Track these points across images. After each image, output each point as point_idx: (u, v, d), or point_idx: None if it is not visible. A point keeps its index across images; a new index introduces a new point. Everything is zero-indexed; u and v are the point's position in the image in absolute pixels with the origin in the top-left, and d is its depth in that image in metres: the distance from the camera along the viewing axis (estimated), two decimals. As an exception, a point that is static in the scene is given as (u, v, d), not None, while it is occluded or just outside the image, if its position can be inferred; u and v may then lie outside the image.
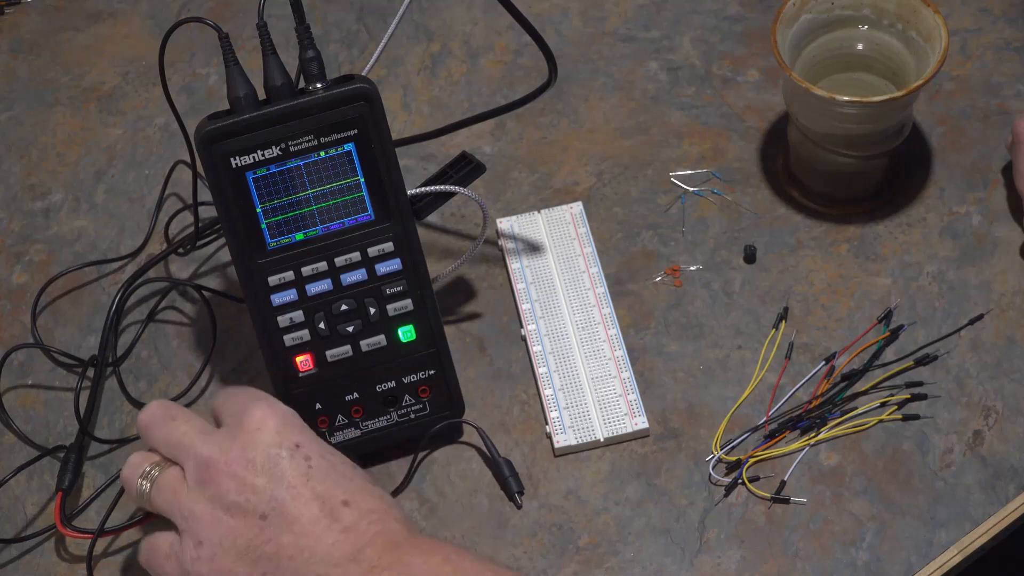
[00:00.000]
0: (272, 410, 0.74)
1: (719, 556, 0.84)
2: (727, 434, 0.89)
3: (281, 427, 0.73)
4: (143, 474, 0.75)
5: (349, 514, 0.71)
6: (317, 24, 1.12)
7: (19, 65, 1.13)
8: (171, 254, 0.98)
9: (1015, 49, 1.06)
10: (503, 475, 0.87)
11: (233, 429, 0.74)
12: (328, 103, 0.80)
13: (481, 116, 0.93)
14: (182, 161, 1.03)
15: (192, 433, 0.75)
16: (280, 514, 0.71)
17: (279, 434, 0.73)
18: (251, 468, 0.72)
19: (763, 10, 1.10)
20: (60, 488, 0.86)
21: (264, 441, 0.73)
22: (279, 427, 0.73)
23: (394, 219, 0.83)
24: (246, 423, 0.73)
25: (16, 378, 0.95)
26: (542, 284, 0.96)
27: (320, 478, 0.72)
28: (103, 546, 0.87)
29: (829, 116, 0.92)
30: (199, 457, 0.73)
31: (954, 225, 0.97)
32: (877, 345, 0.91)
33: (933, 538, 0.84)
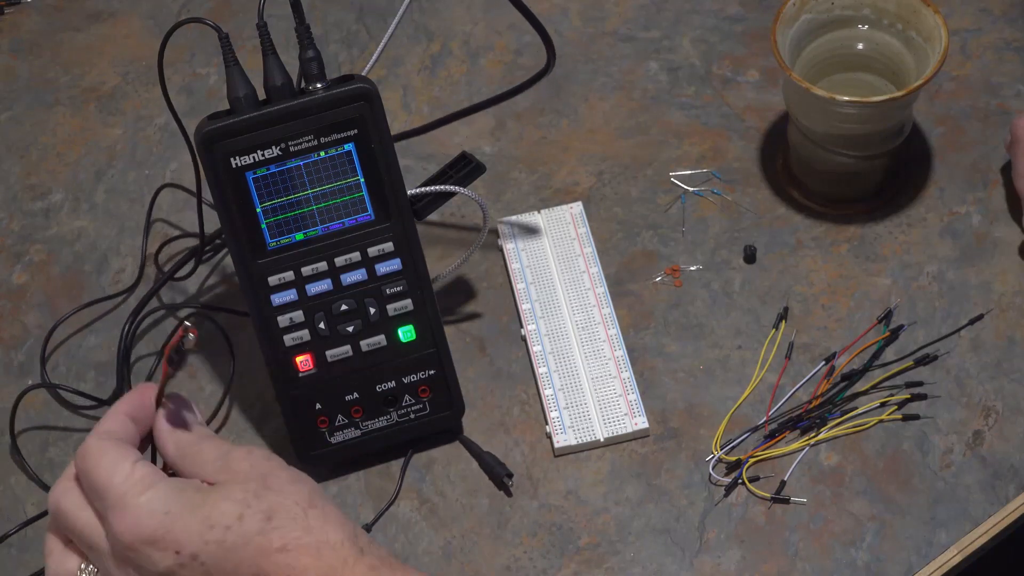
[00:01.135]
0: (128, 520, 0.67)
1: (719, 556, 0.84)
2: (727, 434, 0.89)
3: (148, 537, 0.67)
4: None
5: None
6: (317, 24, 1.12)
7: (19, 65, 1.13)
8: (169, 280, 0.96)
9: (1015, 49, 1.06)
10: (487, 465, 0.87)
11: (108, 513, 0.68)
12: (328, 103, 0.80)
13: (480, 105, 0.93)
14: (168, 184, 1.02)
15: (81, 527, 0.70)
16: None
17: (146, 546, 0.67)
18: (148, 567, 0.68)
19: (763, 10, 1.10)
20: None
21: (141, 555, 0.67)
22: (147, 538, 0.67)
23: (394, 219, 0.83)
24: (113, 528, 0.68)
25: (30, 419, 0.94)
26: (542, 284, 0.96)
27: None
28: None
29: (829, 116, 0.92)
30: (98, 553, 0.69)
31: (954, 225, 0.97)
32: (877, 345, 0.91)
33: (933, 538, 0.84)
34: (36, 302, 0.99)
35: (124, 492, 0.67)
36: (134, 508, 0.66)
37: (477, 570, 0.85)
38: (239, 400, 0.93)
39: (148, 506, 0.67)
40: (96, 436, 0.70)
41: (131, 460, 0.68)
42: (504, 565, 0.85)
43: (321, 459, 0.88)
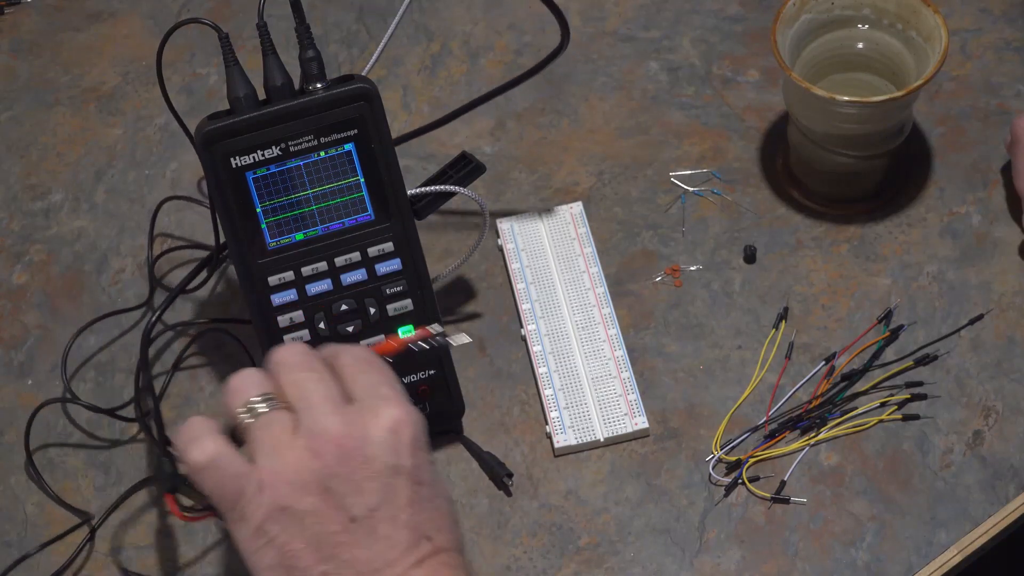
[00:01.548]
0: (408, 415, 0.68)
1: (719, 556, 0.84)
2: (727, 434, 0.89)
3: (413, 440, 0.67)
4: (248, 405, 0.68)
5: (428, 548, 0.67)
6: (317, 24, 1.12)
7: (19, 65, 1.13)
8: (180, 294, 0.95)
9: (1015, 49, 1.06)
10: (487, 465, 0.87)
11: (365, 414, 0.67)
12: (328, 103, 0.80)
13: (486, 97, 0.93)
14: (171, 197, 1.01)
15: (324, 394, 0.68)
16: (370, 526, 0.65)
17: (408, 447, 0.67)
18: (366, 468, 0.66)
19: (763, 10, 1.10)
20: (168, 490, 0.80)
21: (390, 448, 0.66)
22: (411, 439, 0.67)
23: (394, 219, 0.83)
24: (381, 418, 0.67)
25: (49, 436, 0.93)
26: (542, 284, 0.96)
27: (420, 507, 0.67)
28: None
29: (829, 116, 0.92)
30: (321, 425, 0.66)
31: (954, 225, 0.97)
32: (877, 345, 0.91)
33: (933, 538, 0.84)
34: (36, 302, 0.99)
35: (393, 382, 0.70)
36: (406, 400, 0.69)
37: (477, 570, 0.85)
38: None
39: (416, 412, 0.69)
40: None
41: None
42: (504, 565, 0.85)
43: None
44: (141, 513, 0.88)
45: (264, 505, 0.65)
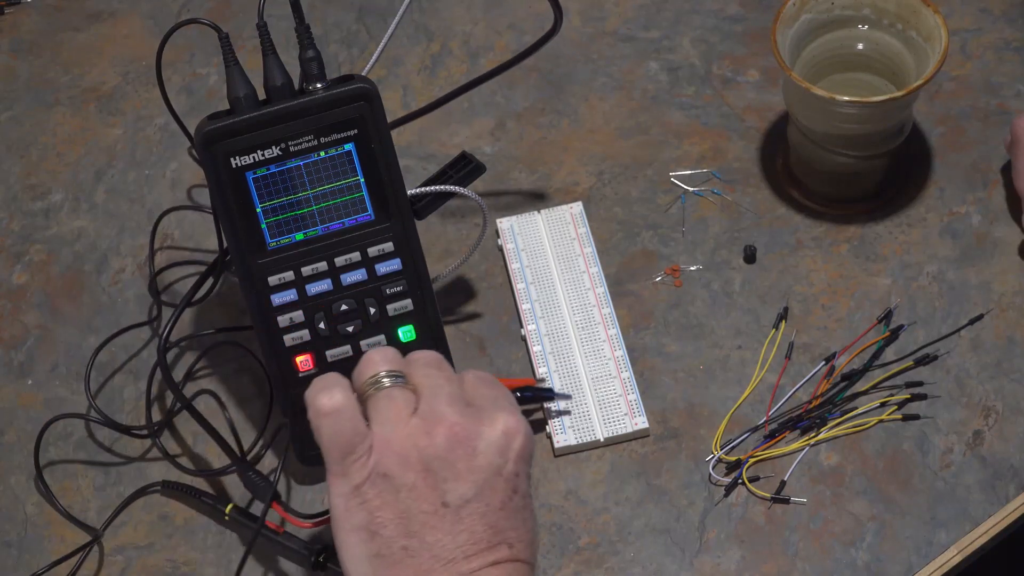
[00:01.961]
0: (523, 427, 0.70)
1: (719, 556, 0.84)
2: (727, 434, 0.89)
3: (521, 449, 0.69)
4: (376, 379, 0.70)
5: (506, 553, 0.68)
6: (317, 24, 1.12)
7: (19, 65, 1.13)
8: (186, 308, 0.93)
9: (1015, 49, 1.06)
10: None
11: (483, 415, 0.69)
12: (328, 103, 0.80)
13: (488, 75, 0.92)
14: (172, 208, 1.01)
15: (450, 391, 0.70)
16: (458, 516, 0.67)
17: (516, 454, 0.69)
18: (471, 460, 0.68)
19: (763, 10, 1.10)
20: (274, 499, 0.84)
21: (499, 449, 0.69)
22: (520, 448, 0.69)
23: (394, 219, 0.83)
24: (497, 421, 0.69)
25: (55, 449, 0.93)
26: (542, 284, 0.96)
27: (510, 513, 0.69)
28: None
29: (829, 116, 0.92)
30: (440, 411, 0.69)
31: (954, 225, 0.97)
32: (877, 345, 0.91)
33: (933, 538, 0.84)
34: (36, 302, 0.99)
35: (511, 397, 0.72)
36: (520, 413, 0.71)
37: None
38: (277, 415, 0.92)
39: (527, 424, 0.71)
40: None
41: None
42: None
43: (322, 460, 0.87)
44: (143, 513, 0.88)
45: (368, 468, 0.68)
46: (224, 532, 0.88)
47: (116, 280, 1.00)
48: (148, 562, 0.87)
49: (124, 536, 0.88)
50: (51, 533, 0.88)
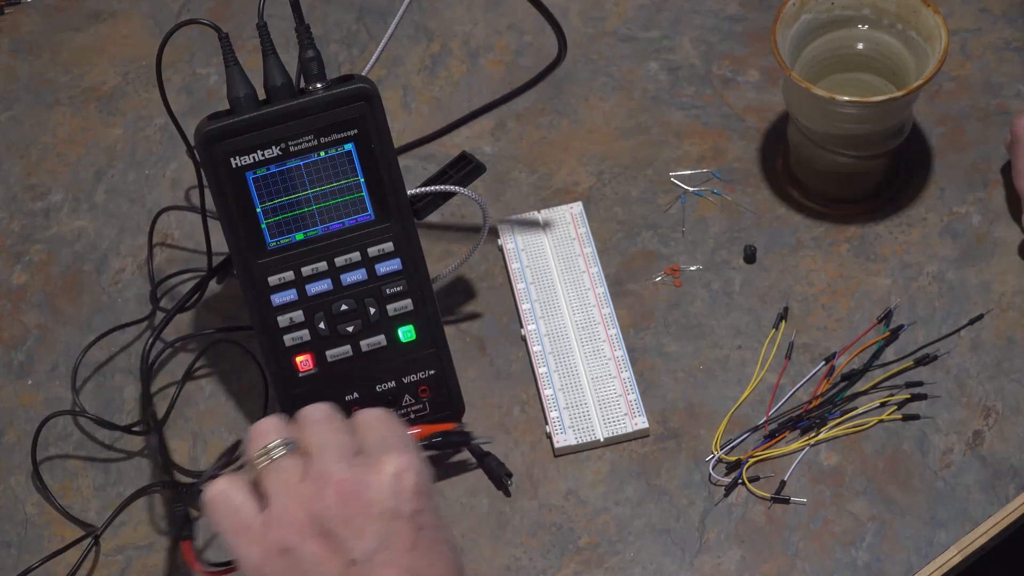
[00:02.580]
0: (413, 463, 0.69)
1: (719, 556, 0.84)
2: (727, 434, 0.89)
3: (416, 486, 0.69)
4: (265, 451, 0.69)
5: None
6: (317, 24, 1.12)
7: (19, 65, 1.13)
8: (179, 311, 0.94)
9: (1015, 49, 1.06)
10: (488, 467, 0.87)
11: (370, 462, 0.69)
12: (328, 103, 0.80)
13: (488, 107, 0.93)
14: (169, 207, 1.01)
15: (337, 445, 0.70)
16: (371, 570, 0.66)
17: (410, 492, 0.68)
18: (366, 512, 0.67)
19: (763, 10, 1.10)
20: (186, 536, 0.83)
21: (391, 493, 0.68)
22: (414, 485, 0.68)
23: (394, 219, 0.83)
24: (385, 464, 0.68)
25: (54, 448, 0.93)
26: (542, 284, 0.96)
27: (420, 552, 0.68)
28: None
29: (829, 116, 0.92)
30: (327, 470, 0.68)
31: (954, 225, 0.97)
32: (877, 345, 0.91)
33: (933, 538, 0.84)
34: (36, 302, 0.99)
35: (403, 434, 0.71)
36: (414, 447, 0.70)
37: (477, 570, 0.85)
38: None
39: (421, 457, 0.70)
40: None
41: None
42: (504, 565, 0.85)
43: None
44: (143, 513, 0.88)
45: (266, 545, 0.67)
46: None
47: (116, 280, 1.00)
48: (148, 562, 0.87)
49: (124, 536, 0.88)
50: (51, 533, 0.88)
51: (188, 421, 0.92)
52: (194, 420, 0.92)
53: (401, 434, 0.71)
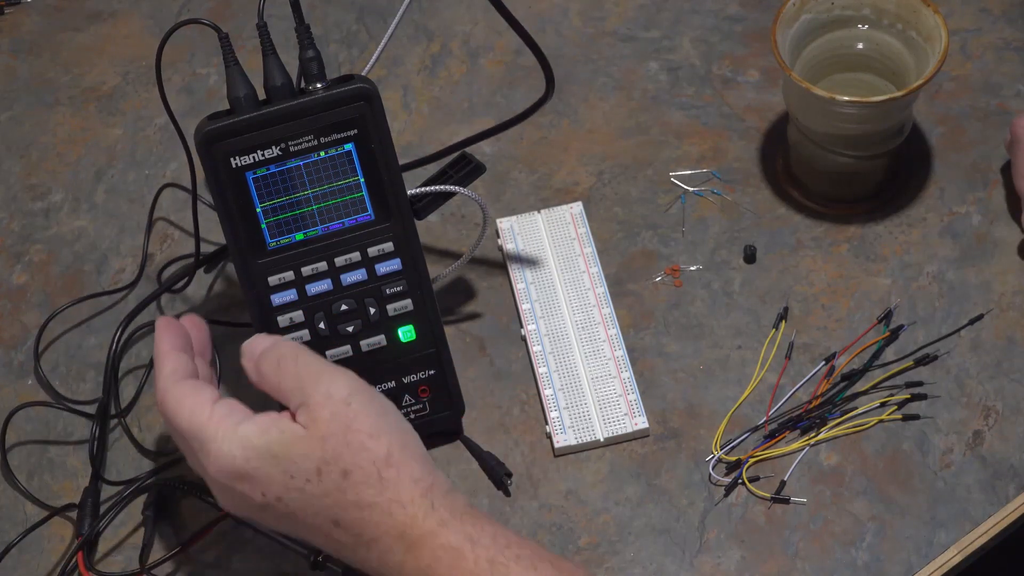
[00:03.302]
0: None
1: (719, 556, 0.84)
2: (727, 434, 0.89)
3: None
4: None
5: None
6: (317, 24, 1.12)
7: (19, 65, 1.13)
8: (164, 292, 0.96)
9: (1015, 49, 1.06)
10: (488, 466, 0.87)
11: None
12: (328, 103, 0.80)
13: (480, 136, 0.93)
14: (170, 184, 1.02)
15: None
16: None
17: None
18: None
19: (763, 10, 1.10)
20: (81, 534, 0.86)
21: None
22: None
23: (394, 219, 0.83)
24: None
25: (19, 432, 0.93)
26: (542, 284, 0.96)
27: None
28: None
29: (829, 116, 0.92)
30: None
31: (954, 225, 0.97)
32: (877, 345, 0.91)
33: (933, 538, 0.84)
34: (36, 302, 0.99)
35: (207, 436, 0.73)
36: (217, 452, 0.72)
37: (477, 570, 0.85)
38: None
39: (230, 450, 0.72)
40: (167, 382, 0.76)
41: (209, 401, 0.74)
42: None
43: None
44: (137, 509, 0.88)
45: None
46: (224, 532, 0.87)
47: (116, 280, 1.00)
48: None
49: (123, 535, 0.88)
50: (51, 533, 0.88)
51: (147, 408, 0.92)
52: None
53: (186, 425, 0.75)
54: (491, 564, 0.70)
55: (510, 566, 0.70)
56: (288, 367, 0.74)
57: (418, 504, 0.71)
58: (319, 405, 0.72)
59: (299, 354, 0.75)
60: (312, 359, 0.75)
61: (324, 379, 0.73)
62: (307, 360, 0.75)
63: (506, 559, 0.70)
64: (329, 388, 0.73)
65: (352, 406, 0.72)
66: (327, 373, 0.74)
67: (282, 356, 0.75)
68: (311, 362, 0.75)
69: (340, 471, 0.71)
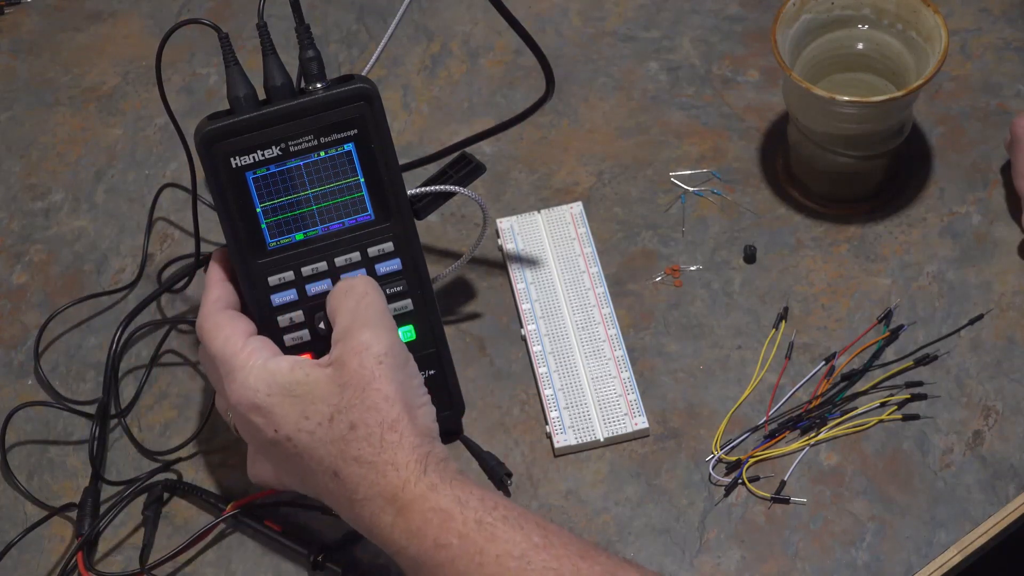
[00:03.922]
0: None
1: (719, 556, 0.84)
2: (727, 434, 0.89)
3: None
4: None
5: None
6: (317, 24, 1.12)
7: (19, 65, 1.13)
8: (164, 292, 0.96)
9: (1015, 49, 1.06)
10: (488, 466, 0.87)
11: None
12: (328, 103, 0.80)
13: (480, 136, 0.93)
14: (170, 184, 1.02)
15: None
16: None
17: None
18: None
19: (763, 10, 1.10)
20: (81, 534, 0.86)
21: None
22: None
23: (394, 219, 0.83)
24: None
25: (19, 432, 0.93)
26: (542, 284, 0.96)
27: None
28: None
29: (829, 116, 0.92)
30: None
31: (954, 225, 0.97)
32: (877, 345, 0.91)
33: (933, 538, 0.84)
34: (36, 302, 0.99)
35: (236, 365, 0.78)
36: (242, 381, 0.77)
37: (477, 570, 0.85)
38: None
39: (254, 383, 0.77)
40: (209, 307, 0.81)
41: (244, 333, 0.80)
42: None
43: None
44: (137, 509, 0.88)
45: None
46: (224, 532, 0.88)
47: (116, 280, 1.00)
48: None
49: (124, 535, 0.88)
50: (51, 533, 0.88)
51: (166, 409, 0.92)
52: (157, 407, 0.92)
53: (219, 351, 0.80)
54: (479, 524, 0.71)
55: (497, 526, 0.72)
56: (349, 301, 0.79)
57: (411, 468, 0.73)
58: (352, 352, 0.76)
59: (367, 294, 0.79)
60: (374, 304, 0.79)
61: (370, 329, 0.76)
62: (368, 303, 0.78)
63: (493, 519, 0.72)
64: (370, 339, 0.76)
65: (382, 365, 0.75)
66: (376, 325, 0.77)
67: (352, 288, 0.80)
68: (370, 306, 0.78)
69: (348, 423, 0.74)
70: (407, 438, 0.74)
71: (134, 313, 0.95)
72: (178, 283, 0.96)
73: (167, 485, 0.89)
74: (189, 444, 0.91)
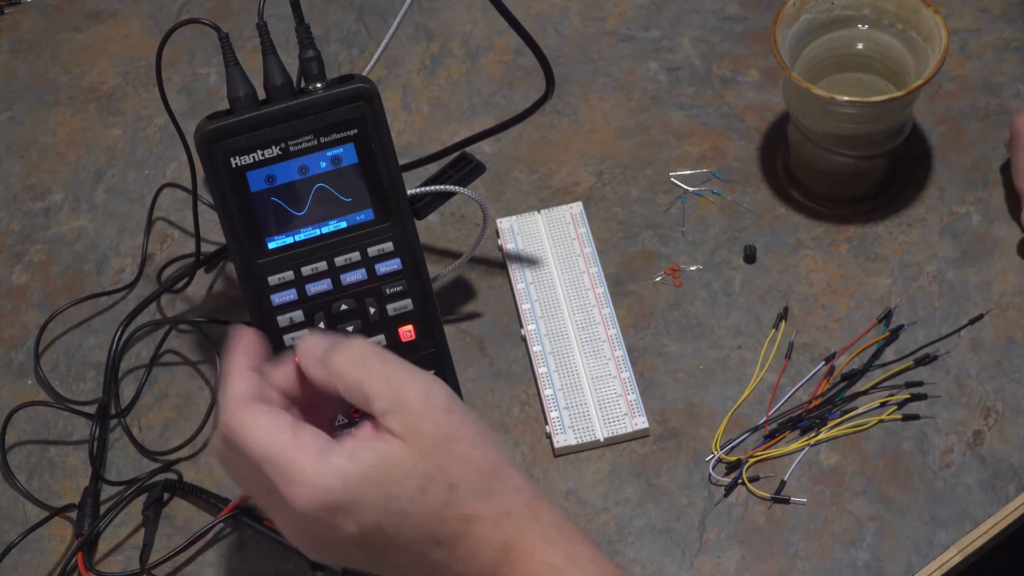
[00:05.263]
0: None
1: (719, 556, 0.84)
2: (727, 434, 0.89)
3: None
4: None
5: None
6: (317, 24, 1.12)
7: (19, 65, 1.13)
8: (164, 292, 0.96)
9: (1015, 49, 1.06)
10: None
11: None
12: (328, 103, 0.80)
13: (480, 136, 0.93)
14: (169, 184, 1.03)
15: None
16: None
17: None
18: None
19: (763, 10, 1.10)
20: (81, 534, 0.86)
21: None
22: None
23: (394, 219, 0.83)
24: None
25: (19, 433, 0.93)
26: (542, 284, 0.96)
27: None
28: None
29: (829, 116, 0.92)
30: None
31: (954, 225, 0.97)
32: (877, 345, 0.91)
33: (933, 538, 0.84)
34: (36, 302, 0.99)
35: (294, 468, 0.65)
36: (310, 479, 0.65)
37: (477, 570, 0.85)
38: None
39: (324, 480, 0.65)
40: (236, 405, 0.67)
41: (288, 426, 0.66)
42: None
43: None
44: (137, 509, 0.88)
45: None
46: (224, 532, 0.88)
47: (116, 280, 1.00)
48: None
49: (124, 535, 0.88)
50: (51, 533, 0.88)
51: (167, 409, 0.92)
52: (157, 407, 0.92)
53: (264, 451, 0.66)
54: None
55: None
56: (374, 366, 0.68)
57: (524, 516, 0.67)
58: (419, 415, 0.66)
59: (383, 353, 0.69)
60: (399, 360, 0.69)
61: (420, 384, 0.68)
62: (394, 360, 0.69)
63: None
64: (428, 395, 0.67)
65: (453, 415, 0.67)
66: (421, 378, 0.68)
67: (366, 354, 0.69)
68: (400, 364, 0.69)
69: (446, 485, 0.66)
70: (509, 481, 0.67)
71: (134, 313, 0.95)
72: (178, 283, 0.96)
73: (167, 485, 0.89)
74: (189, 444, 0.91)
